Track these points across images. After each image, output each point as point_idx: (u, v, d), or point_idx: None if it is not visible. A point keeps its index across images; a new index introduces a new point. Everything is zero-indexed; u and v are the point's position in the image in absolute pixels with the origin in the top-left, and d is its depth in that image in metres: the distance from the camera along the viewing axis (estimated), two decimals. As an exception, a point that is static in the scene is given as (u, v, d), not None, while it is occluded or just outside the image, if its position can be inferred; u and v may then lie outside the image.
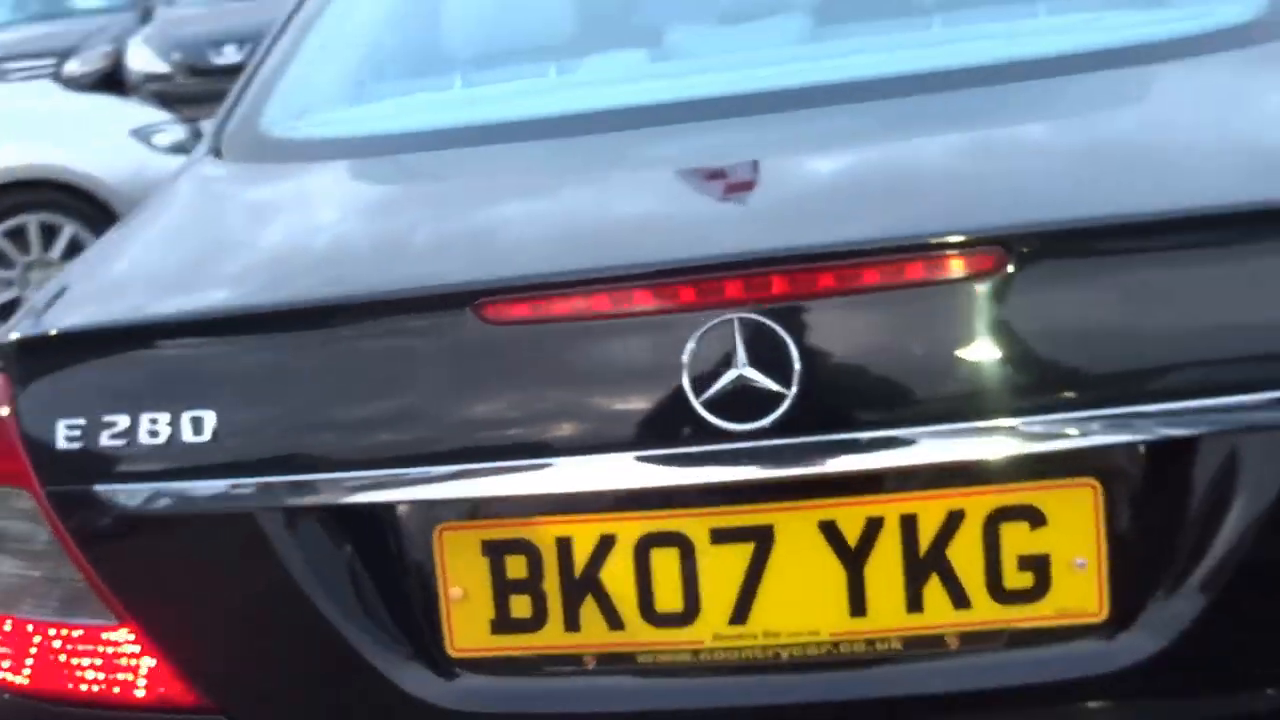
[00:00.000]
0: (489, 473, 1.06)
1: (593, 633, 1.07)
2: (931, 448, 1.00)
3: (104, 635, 1.15)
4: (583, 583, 1.06)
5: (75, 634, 1.16)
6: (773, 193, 1.21)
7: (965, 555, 1.02)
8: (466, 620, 1.09)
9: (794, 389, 0.98)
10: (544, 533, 1.07)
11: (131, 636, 1.14)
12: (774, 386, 0.98)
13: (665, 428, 1.01)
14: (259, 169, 1.55)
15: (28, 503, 1.14)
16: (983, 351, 1.00)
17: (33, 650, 1.18)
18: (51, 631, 1.16)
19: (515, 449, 1.05)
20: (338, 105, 1.74)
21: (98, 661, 1.16)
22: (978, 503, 1.02)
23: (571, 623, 1.07)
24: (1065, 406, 0.99)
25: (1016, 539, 1.02)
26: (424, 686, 1.09)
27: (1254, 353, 1.01)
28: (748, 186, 1.24)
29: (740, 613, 1.05)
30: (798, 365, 0.98)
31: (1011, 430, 0.99)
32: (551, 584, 1.07)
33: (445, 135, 1.51)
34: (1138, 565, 1.01)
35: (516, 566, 1.07)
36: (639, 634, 1.07)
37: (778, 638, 1.05)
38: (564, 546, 1.06)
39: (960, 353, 1.00)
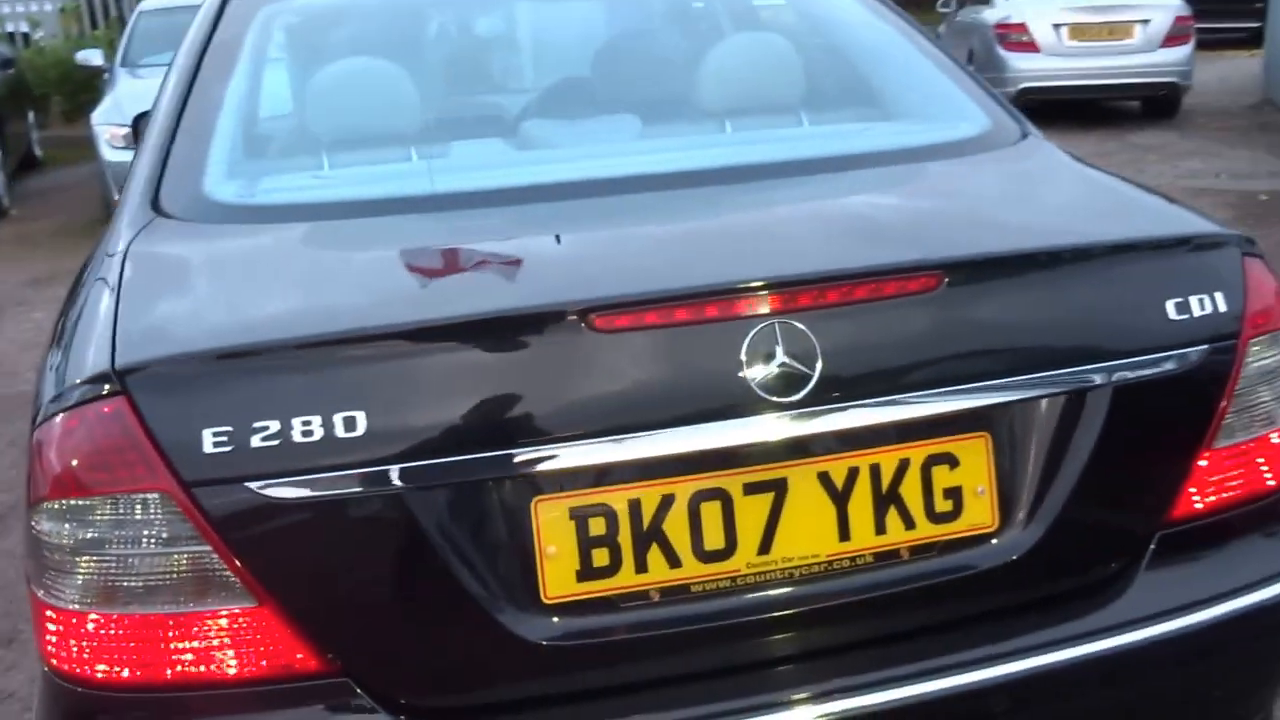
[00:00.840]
0: (573, 452, 1.37)
1: (657, 572, 1.41)
2: (894, 412, 1.43)
3: (247, 618, 1.33)
4: (649, 534, 1.40)
5: (211, 621, 1.32)
6: (762, 240, 1.63)
7: (911, 491, 1.47)
8: (557, 572, 1.38)
9: (816, 372, 1.39)
10: (618, 497, 1.39)
11: (268, 615, 1.33)
12: (805, 370, 1.38)
13: (729, 404, 1.37)
14: (236, 228, 1.74)
15: (168, 506, 1.30)
16: (921, 342, 1.47)
17: (162, 643, 1.33)
18: (188, 622, 1.32)
19: (598, 432, 1.37)
20: (276, 175, 1.95)
21: (232, 642, 1.33)
22: (918, 453, 1.47)
23: (640, 566, 1.40)
24: (967, 381, 1.47)
25: (942, 477, 1.48)
26: (525, 628, 1.37)
27: (1069, 344, 1.53)
28: (741, 235, 1.66)
29: (765, 546, 1.43)
30: (818, 355, 1.39)
31: (938, 400, 1.45)
32: (625, 537, 1.39)
33: (413, 201, 1.79)
34: (1014, 490, 1.51)
35: (597, 526, 1.39)
36: (692, 569, 1.41)
37: (791, 561, 1.44)
38: (634, 507, 1.39)
39: (911, 345, 1.46)
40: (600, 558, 1.39)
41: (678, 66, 2.46)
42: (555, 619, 1.39)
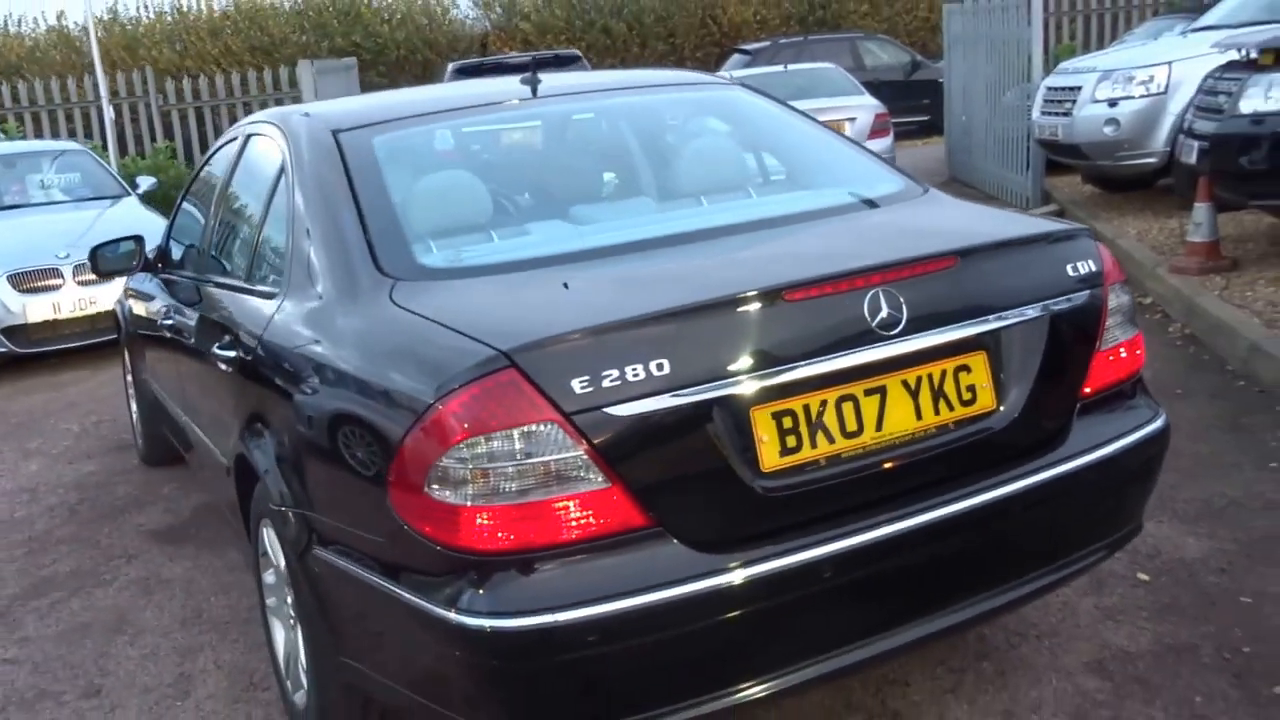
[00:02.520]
0: (773, 377, 2.24)
1: (822, 448, 2.30)
2: (939, 338, 2.40)
3: (602, 495, 2.11)
4: (816, 424, 2.29)
5: (581, 499, 2.10)
6: (849, 247, 2.58)
7: (950, 388, 2.43)
8: (768, 452, 2.25)
9: (904, 316, 2.33)
10: (798, 403, 2.28)
11: (618, 491, 2.12)
12: (897, 315, 2.32)
13: (858, 339, 2.30)
14: (467, 280, 2.53)
15: (556, 430, 2.07)
16: (950, 297, 2.44)
17: (551, 518, 2.09)
18: (566, 502, 2.09)
19: (786, 362, 2.24)
20: (468, 247, 2.72)
21: (594, 511, 2.11)
22: (950, 365, 2.44)
23: (813, 444, 2.29)
24: (972, 315, 2.45)
25: (964, 379, 2.46)
26: (757, 483, 2.23)
27: (1023, 293, 2.53)
28: (834, 246, 2.60)
29: (879, 426, 2.35)
30: (904, 306, 2.33)
31: (959, 330, 2.43)
32: (804, 427, 2.28)
33: (575, 255, 2.64)
34: (1005, 382, 2.50)
35: (788, 422, 2.27)
36: (841, 444, 2.31)
37: (894, 435, 2.37)
38: (807, 408, 2.29)
39: (944, 297, 2.43)
40: (790, 441, 2.27)
41: (665, 162, 3.43)
42: (769, 482, 2.25)
